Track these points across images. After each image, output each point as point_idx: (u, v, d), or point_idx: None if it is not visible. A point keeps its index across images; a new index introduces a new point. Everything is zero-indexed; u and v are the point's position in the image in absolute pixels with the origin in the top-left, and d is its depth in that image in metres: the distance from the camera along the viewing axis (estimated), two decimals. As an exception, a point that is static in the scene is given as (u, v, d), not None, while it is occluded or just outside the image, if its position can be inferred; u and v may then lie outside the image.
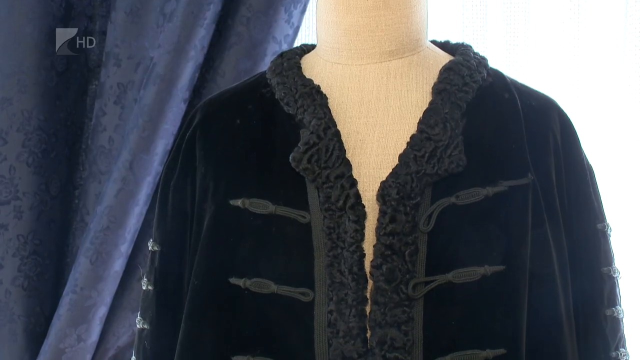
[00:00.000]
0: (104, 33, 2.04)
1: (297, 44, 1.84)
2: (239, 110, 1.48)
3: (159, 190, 1.53)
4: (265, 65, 1.89)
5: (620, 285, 1.49)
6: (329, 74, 1.47)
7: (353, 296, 1.34)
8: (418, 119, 1.41)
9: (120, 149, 1.95)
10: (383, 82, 1.45)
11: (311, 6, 2.01)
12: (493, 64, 1.53)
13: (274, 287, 1.36)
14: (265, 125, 1.45)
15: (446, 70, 1.44)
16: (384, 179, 1.37)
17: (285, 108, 1.44)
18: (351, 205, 1.36)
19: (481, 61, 1.48)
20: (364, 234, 1.36)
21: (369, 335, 1.34)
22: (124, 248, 1.95)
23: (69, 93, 2.02)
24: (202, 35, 1.93)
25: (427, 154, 1.37)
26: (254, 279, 1.37)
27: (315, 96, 1.43)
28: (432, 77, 1.46)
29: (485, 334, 1.34)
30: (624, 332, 1.49)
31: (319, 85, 1.45)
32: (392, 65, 1.46)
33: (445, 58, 1.50)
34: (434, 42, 1.55)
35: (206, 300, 1.41)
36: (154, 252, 1.52)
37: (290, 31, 2.01)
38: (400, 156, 1.38)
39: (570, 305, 1.43)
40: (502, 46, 2.13)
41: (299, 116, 1.42)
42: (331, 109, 1.42)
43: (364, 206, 1.36)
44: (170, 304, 1.48)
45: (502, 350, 1.34)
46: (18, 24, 1.95)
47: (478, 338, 1.34)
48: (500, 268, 1.36)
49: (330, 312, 1.34)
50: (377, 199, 1.36)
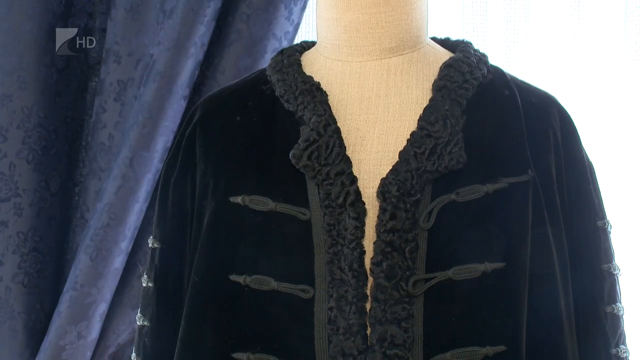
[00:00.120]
0: (104, 30, 2.04)
1: (297, 41, 1.84)
2: (239, 107, 1.48)
3: (159, 188, 1.53)
4: (265, 62, 1.89)
5: (620, 282, 1.49)
6: (329, 71, 1.47)
7: (353, 293, 1.34)
8: (418, 116, 1.40)
9: (120, 146, 1.95)
10: (383, 79, 1.45)
11: (311, 3, 2.00)
12: (493, 60, 1.53)
13: (274, 284, 1.36)
14: (265, 122, 1.45)
15: (446, 67, 1.44)
16: (384, 175, 1.37)
17: (286, 105, 1.44)
18: (351, 202, 1.36)
19: (481, 58, 1.48)
20: (364, 231, 1.36)
21: (369, 332, 1.33)
22: (124, 245, 1.95)
23: (69, 90, 2.02)
24: (202, 33, 1.93)
25: (427, 151, 1.37)
26: (254, 276, 1.37)
27: (315, 93, 1.43)
28: (433, 74, 1.46)
29: (485, 331, 1.34)
30: (624, 329, 1.49)
31: (319, 82, 1.44)
32: (392, 62, 1.46)
33: (445, 55, 1.50)
34: (434, 39, 1.55)
35: (206, 297, 1.41)
36: (154, 249, 1.52)
37: (291, 28, 2.00)
38: (401, 153, 1.38)
39: (571, 304, 1.42)
40: (503, 43, 2.13)
41: (299, 113, 1.42)
42: (331, 106, 1.42)
43: (364, 203, 1.36)
44: (171, 301, 1.48)
45: (502, 347, 1.34)
46: (18, 21, 1.95)
47: (478, 335, 1.34)
48: (501, 265, 1.35)
49: (331, 309, 1.34)
50: (377, 196, 1.36)
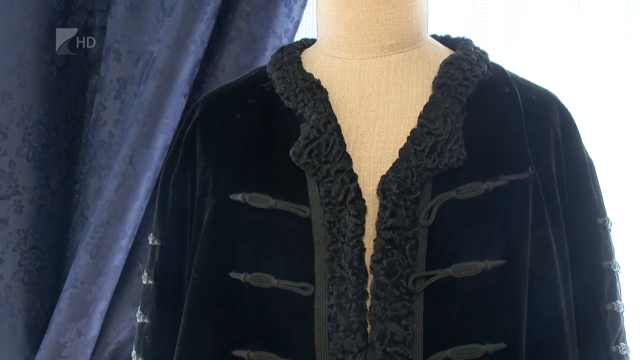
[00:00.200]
0: (104, 28, 2.04)
1: (298, 38, 1.84)
2: (239, 104, 1.48)
3: (159, 185, 1.53)
4: (265, 59, 1.89)
5: (620, 279, 1.49)
6: (329, 68, 1.47)
7: (353, 290, 1.34)
8: (418, 113, 1.40)
9: (120, 143, 1.95)
10: (383, 77, 1.45)
11: (311, 1, 2.00)
12: (493, 58, 1.53)
13: (274, 282, 1.36)
14: (265, 119, 1.45)
15: (447, 64, 1.44)
16: (385, 173, 1.37)
17: (286, 102, 1.44)
18: (351, 199, 1.36)
19: (482, 55, 1.48)
20: (364, 228, 1.36)
21: (369, 329, 1.33)
22: (124, 242, 1.95)
23: (69, 87, 2.02)
24: (202, 30, 1.93)
25: (428, 149, 1.37)
26: (254, 274, 1.37)
27: (315, 90, 1.42)
28: (433, 72, 1.46)
29: (486, 328, 1.34)
30: (625, 327, 1.49)
31: (319, 79, 1.44)
32: (393, 59, 1.46)
33: (445, 52, 1.50)
34: (434, 37, 1.54)
35: (206, 294, 1.41)
36: (154, 247, 1.52)
37: (291, 26, 2.00)
38: (401, 150, 1.38)
39: (571, 303, 1.42)
40: (503, 40, 2.13)
41: (299, 110, 1.42)
42: (331, 103, 1.42)
43: (364, 200, 1.36)
44: (171, 298, 1.48)
45: (502, 345, 1.34)
46: (18, 19, 1.95)
47: (478, 332, 1.34)
48: (501, 262, 1.35)
49: (331, 307, 1.34)
50: (378, 194, 1.36)
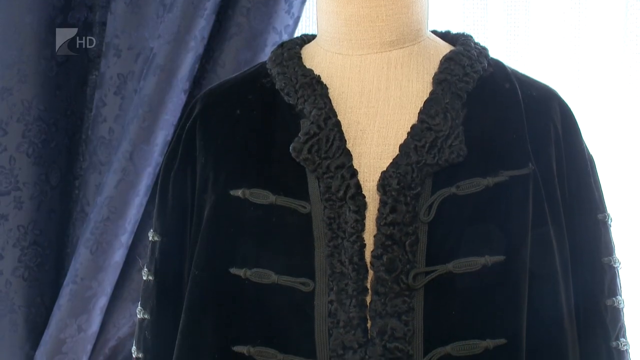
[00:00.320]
0: (104, 24, 2.03)
1: (298, 34, 1.84)
2: (239, 100, 1.48)
3: (159, 181, 1.53)
4: (265, 55, 1.89)
5: (620, 275, 1.49)
6: (329, 64, 1.47)
7: (353, 286, 1.34)
8: (419, 109, 1.40)
9: (120, 139, 1.95)
10: (384, 72, 1.45)
11: (311, -4, 2.00)
12: (494, 54, 1.53)
13: (274, 277, 1.36)
14: (265, 115, 1.45)
15: (447, 60, 1.44)
16: (385, 169, 1.37)
17: (286, 98, 1.44)
18: (352, 195, 1.36)
19: (482, 51, 1.48)
20: (365, 224, 1.36)
21: (369, 325, 1.33)
22: (124, 238, 1.95)
23: (69, 83, 2.02)
24: (202, 26, 1.93)
25: (428, 144, 1.37)
26: (255, 269, 1.37)
27: (315, 86, 1.42)
28: (433, 67, 1.45)
29: (486, 324, 1.34)
30: (625, 322, 1.49)
31: (319, 75, 1.44)
32: (393, 55, 1.46)
33: (446, 48, 1.49)
34: (434, 32, 1.54)
35: (206, 290, 1.41)
36: (154, 243, 1.52)
37: (291, 21, 2.00)
38: (401, 146, 1.38)
39: (572, 301, 1.42)
40: (503, 36, 2.13)
41: (299, 106, 1.42)
42: (332, 99, 1.42)
43: (365, 196, 1.36)
44: (171, 294, 1.48)
45: (503, 340, 1.34)
46: (18, 14, 1.95)
47: (478, 328, 1.34)
48: (501, 258, 1.35)
49: (331, 302, 1.34)
50: (378, 189, 1.36)
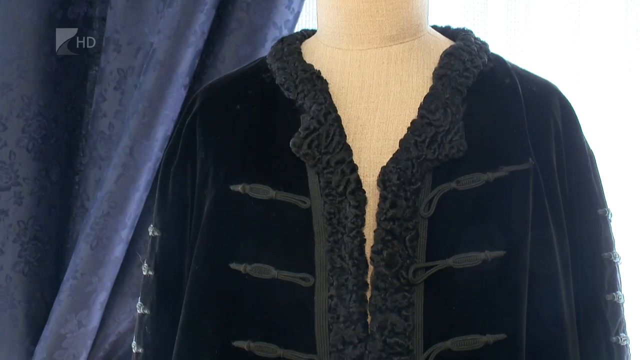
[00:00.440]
0: (104, 19, 2.03)
1: (298, 29, 1.84)
2: (239, 95, 1.48)
3: (159, 176, 1.53)
4: (265, 51, 1.89)
5: (620, 270, 1.49)
6: (329, 59, 1.47)
7: (353, 281, 1.34)
8: (419, 104, 1.40)
9: (120, 134, 1.95)
10: (384, 67, 1.45)
11: (311, -9, 2.00)
12: (494, 49, 1.53)
13: (274, 273, 1.36)
14: (265, 110, 1.45)
15: (447, 55, 1.44)
16: (385, 164, 1.37)
17: (286, 93, 1.44)
18: (352, 190, 1.36)
19: (482, 46, 1.48)
20: (365, 219, 1.35)
21: (369, 320, 1.33)
22: (125, 234, 1.95)
23: (68, 79, 2.02)
24: (202, 21, 1.93)
25: (428, 139, 1.37)
26: (255, 264, 1.37)
27: (315, 81, 1.42)
28: (433, 62, 1.45)
29: (486, 319, 1.34)
30: (625, 317, 1.49)
31: (319, 70, 1.44)
32: (393, 50, 1.46)
33: (446, 43, 1.49)
34: (434, 27, 1.54)
35: (206, 285, 1.41)
36: (154, 238, 1.52)
37: (291, 17, 2.00)
38: (401, 141, 1.38)
39: (572, 297, 1.42)
40: (503, 31, 2.12)
41: (300, 101, 1.42)
42: (332, 94, 1.42)
43: (365, 191, 1.36)
44: (171, 289, 1.48)
45: (503, 335, 1.34)
46: (17, 9, 1.95)
47: (478, 323, 1.34)
48: (501, 253, 1.35)
49: (331, 298, 1.34)
50: (378, 184, 1.36)
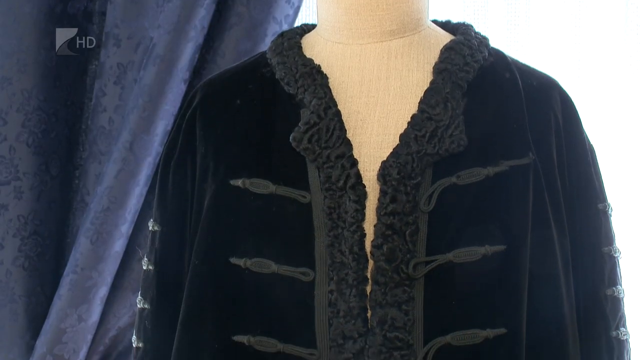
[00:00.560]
0: (104, 13, 2.03)
1: (298, 24, 1.84)
2: (239, 90, 1.48)
3: (159, 171, 1.53)
4: (265, 45, 1.89)
5: (620, 264, 1.49)
6: (329, 54, 1.47)
7: (353, 276, 1.34)
8: (419, 99, 1.40)
9: (120, 129, 1.95)
10: (384, 62, 1.45)
11: (311, -14, 2.00)
12: (494, 43, 1.52)
13: (274, 267, 1.36)
14: (265, 105, 1.45)
15: (447, 49, 1.44)
16: (385, 158, 1.37)
17: (286, 88, 1.44)
18: (352, 185, 1.36)
19: (482, 41, 1.48)
20: (365, 213, 1.35)
21: (369, 315, 1.33)
22: (125, 228, 1.95)
23: (68, 73, 2.02)
24: (202, 16, 1.92)
25: (428, 134, 1.37)
26: (255, 259, 1.37)
27: (315, 76, 1.42)
28: (433, 57, 1.45)
29: (486, 314, 1.34)
30: (625, 312, 1.49)
31: (319, 65, 1.44)
32: (393, 44, 1.46)
33: (446, 38, 1.49)
34: (435, 22, 1.54)
35: (206, 280, 1.41)
36: (154, 232, 1.52)
37: (291, 11, 2.00)
38: (401, 136, 1.38)
39: (573, 298, 1.42)
40: (503, 26, 2.12)
41: (300, 96, 1.42)
42: (332, 89, 1.42)
43: (365, 186, 1.36)
44: (171, 284, 1.48)
45: (503, 330, 1.34)
46: (17, 3, 1.94)
47: (478, 317, 1.34)
48: (501, 248, 1.35)
49: (331, 292, 1.34)
50: (378, 179, 1.36)
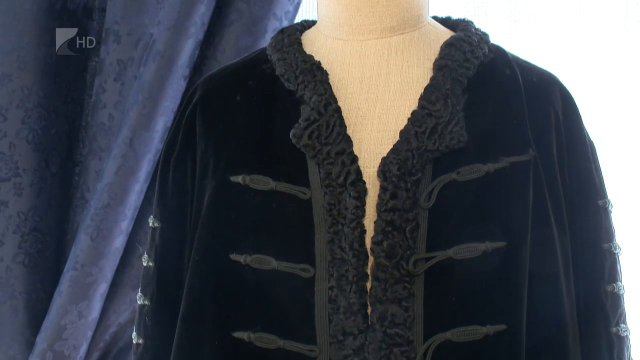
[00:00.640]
0: (104, 10, 2.03)
1: (298, 20, 1.83)
2: (239, 86, 1.48)
3: (159, 167, 1.53)
4: (265, 42, 1.88)
5: (620, 261, 1.49)
6: (329, 50, 1.47)
7: (354, 272, 1.34)
8: (419, 95, 1.40)
9: (120, 125, 1.95)
10: (384, 58, 1.45)
11: (312, -18, 2.00)
12: (494, 40, 1.52)
13: (274, 264, 1.36)
14: (265, 101, 1.45)
15: (447, 46, 1.44)
16: (385, 155, 1.37)
17: (286, 84, 1.44)
18: (352, 181, 1.35)
19: (482, 37, 1.48)
20: (365, 210, 1.35)
21: (369, 311, 1.34)
22: (125, 225, 1.95)
23: (68, 70, 2.02)
24: (202, 12, 1.92)
25: (428, 130, 1.37)
26: (255, 255, 1.37)
27: (315, 72, 1.42)
28: (434, 53, 1.45)
29: (486, 310, 1.34)
30: (625, 308, 1.49)
31: (319, 61, 1.44)
32: (393, 41, 1.46)
33: (446, 34, 1.49)
34: (435, 18, 1.54)
35: (207, 276, 1.41)
36: (154, 229, 1.52)
37: (291, 7, 2.00)
38: (401, 132, 1.38)
39: (573, 295, 1.42)
40: (504, 22, 2.12)
41: (300, 92, 1.42)
42: (332, 85, 1.42)
43: (365, 182, 1.36)
44: (171, 280, 1.48)
45: (503, 326, 1.34)
46: (17, 0, 1.94)
47: (478, 314, 1.34)
48: (501, 244, 1.35)
49: (331, 289, 1.34)
50: (378, 175, 1.36)
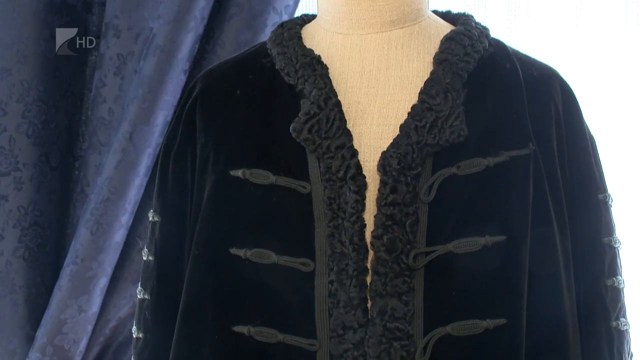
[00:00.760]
0: (103, 4, 2.03)
1: (298, 14, 1.83)
2: (239, 80, 1.48)
3: (159, 161, 1.53)
4: (265, 36, 1.88)
5: (620, 255, 1.49)
6: (329, 44, 1.47)
7: (354, 266, 1.34)
8: (419, 89, 1.40)
9: (120, 120, 1.95)
10: (384, 52, 1.45)
11: (312, -24, 2.00)
12: (495, 34, 1.52)
13: (274, 258, 1.36)
14: (265, 95, 1.45)
15: (447, 40, 1.44)
16: (385, 149, 1.37)
17: (286, 78, 1.44)
18: (352, 175, 1.35)
19: (483, 31, 1.48)
20: (365, 204, 1.35)
21: (369, 305, 1.34)
22: (125, 219, 1.96)
23: (68, 64, 2.02)
24: (202, 6, 1.92)
25: (428, 124, 1.37)
26: (255, 250, 1.37)
27: (315, 66, 1.42)
28: (434, 47, 1.45)
29: (486, 304, 1.34)
30: (625, 302, 1.49)
31: (319, 55, 1.44)
32: (393, 35, 1.46)
33: (446, 28, 1.49)
34: (435, 12, 1.54)
35: (207, 270, 1.41)
36: (154, 223, 1.52)
37: (291, 2, 2.00)
38: (401, 126, 1.38)
39: (574, 295, 1.42)
40: (504, 16, 2.12)
41: (300, 86, 1.42)
42: (332, 79, 1.42)
43: (365, 176, 1.36)
44: (171, 274, 1.48)
45: (503, 320, 1.34)
46: (17, -6, 1.95)
47: (478, 308, 1.34)
48: (501, 238, 1.35)
49: (331, 283, 1.34)
50: (378, 170, 1.36)
